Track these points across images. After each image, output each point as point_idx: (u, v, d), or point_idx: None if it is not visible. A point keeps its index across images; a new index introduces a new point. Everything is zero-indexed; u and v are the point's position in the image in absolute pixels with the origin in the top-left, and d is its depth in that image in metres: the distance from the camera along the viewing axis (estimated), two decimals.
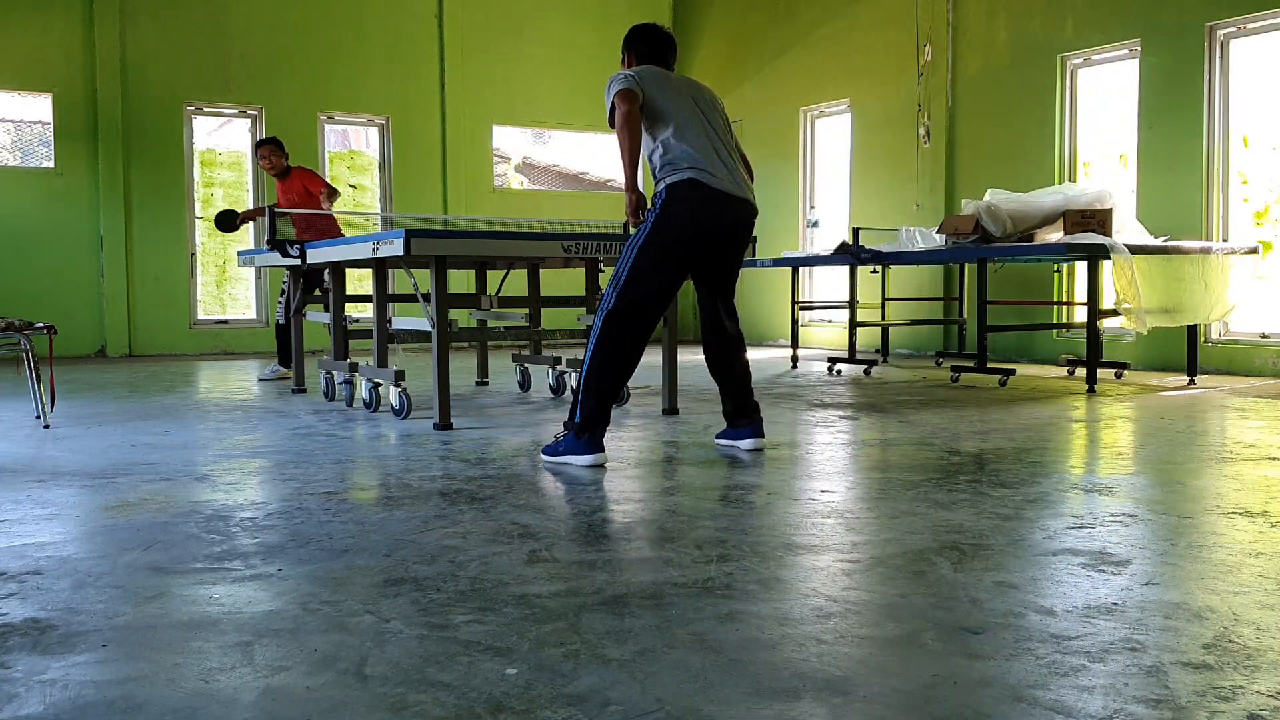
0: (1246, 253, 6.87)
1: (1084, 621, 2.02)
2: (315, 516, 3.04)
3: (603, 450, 3.86)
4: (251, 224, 9.82)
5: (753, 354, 10.50)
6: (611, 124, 3.87)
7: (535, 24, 12.22)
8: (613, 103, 3.83)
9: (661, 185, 3.88)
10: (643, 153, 3.90)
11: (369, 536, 2.78)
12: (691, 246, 3.89)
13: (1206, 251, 6.69)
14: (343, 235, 7.55)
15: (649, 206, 3.90)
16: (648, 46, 4.14)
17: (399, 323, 5.71)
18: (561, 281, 9.86)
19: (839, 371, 8.09)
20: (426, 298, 5.05)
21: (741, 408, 4.22)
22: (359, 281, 10.17)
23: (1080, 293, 8.19)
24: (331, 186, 7.69)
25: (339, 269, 6.27)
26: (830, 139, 11.28)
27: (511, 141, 13.57)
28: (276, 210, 6.59)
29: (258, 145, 7.89)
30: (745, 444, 4.20)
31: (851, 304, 8.14)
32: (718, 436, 4.38)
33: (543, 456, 4.01)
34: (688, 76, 4.26)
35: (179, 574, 2.43)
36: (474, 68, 11.85)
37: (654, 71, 4.03)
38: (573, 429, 3.87)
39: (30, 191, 10.10)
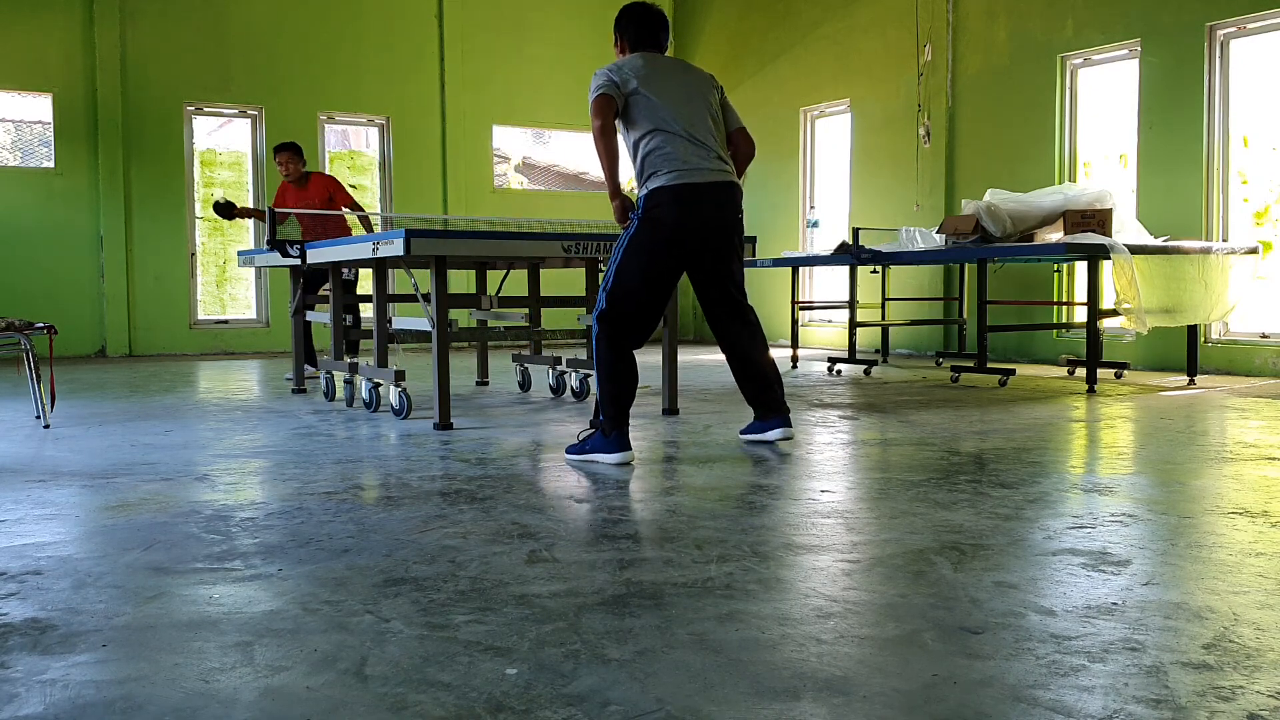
0: (1246, 253, 6.87)
1: (1084, 621, 2.02)
2: (315, 516, 3.04)
3: (630, 449, 3.89)
4: (252, 220, 9.53)
5: None
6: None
7: (535, 24, 12.23)
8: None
9: (644, 190, 3.92)
10: (623, 149, 3.97)
11: (369, 536, 2.78)
12: (677, 245, 3.93)
13: (1206, 251, 6.69)
14: None
15: (634, 209, 3.96)
16: (638, 28, 4.13)
17: (399, 322, 5.71)
18: (561, 281, 9.87)
19: (839, 371, 8.09)
20: (426, 298, 5.05)
21: (765, 402, 4.28)
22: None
23: (1080, 293, 8.19)
24: (357, 204, 7.71)
25: (339, 269, 6.27)
26: (830, 139, 11.28)
27: (511, 141, 13.57)
28: (278, 210, 6.57)
29: (278, 149, 7.64)
30: (772, 434, 4.28)
31: (851, 304, 8.14)
32: (741, 432, 4.45)
33: (566, 455, 4.05)
34: (680, 60, 4.25)
35: (179, 574, 2.43)
36: (474, 68, 11.85)
37: (641, 62, 4.01)
38: (599, 428, 3.92)
39: (30, 191, 10.10)
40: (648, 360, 9.01)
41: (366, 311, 7.58)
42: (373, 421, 5.25)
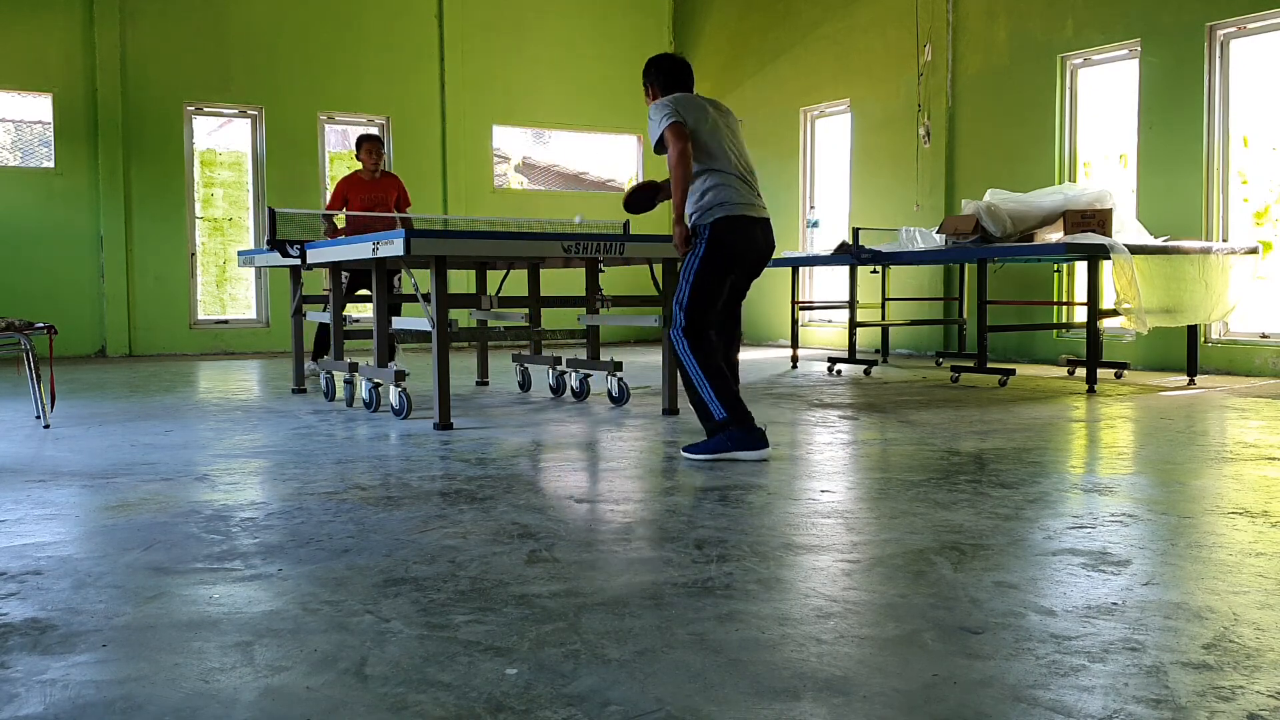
0: (1246, 253, 6.87)
1: (1084, 621, 2.02)
2: (315, 516, 3.04)
3: (768, 445, 4.05)
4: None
5: (753, 354, 10.52)
6: (658, 150, 4.18)
7: (535, 24, 12.23)
8: (662, 134, 4.11)
9: (710, 219, 4.18)
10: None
11: (369, 536, 2.78)
12: (738, 266, 4.28)
13: (1206, 251, 6.69)
14: None
15: (695, 235, 4.24)
16: (667, 78, 4.40)
17: (399, 322, 5.71)
18: (561, 281, 9.87)
19: (839, 371, 8.09)
20: (426, 298, 5.05)
21: None
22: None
23: (1080, 293, 8.19)
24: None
25: (339, 269, 6.27)
26: (830, 139, 11.28)
27: (511, 141, 13.57)
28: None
29: (368, 139, 7.58)
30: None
31: (851, 304, 8.14)
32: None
33: (688, 455, 4.05)
34: (713, 100, 4.43)
35: (179, 574, 2.43)
36: (474, 68, 11.85)
37: (688, 99, 4.26)
38: (732, 425, 4.01)
39: (30, 191, 10.10)
40: (649, 360, 9.00)
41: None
42: (373, 421, 5.25)
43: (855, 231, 8.27)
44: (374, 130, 7.84)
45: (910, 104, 9.96)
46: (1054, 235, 7.06)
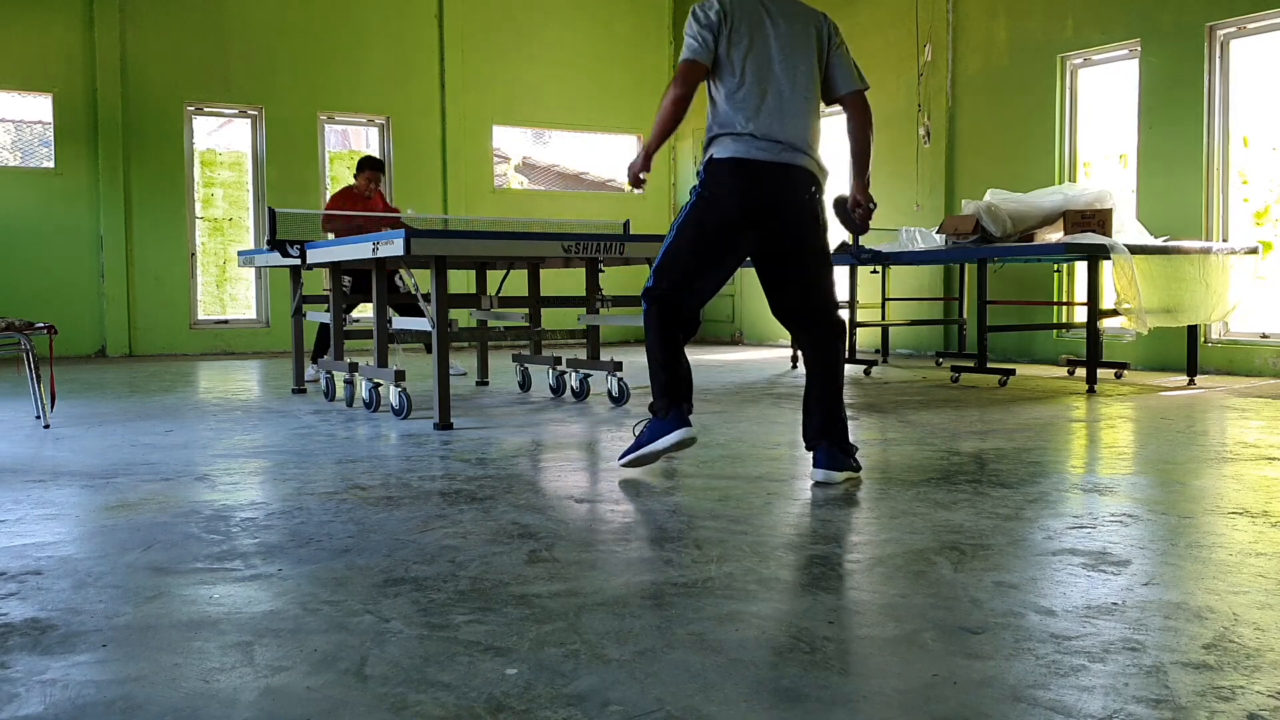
0: (1246, 253, 6.87)
1: (1084, 621, 2.02)
2: (315, 516, 3.04)
3: (689, 424, 3.46)
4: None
5: (753, 354, 10.52)
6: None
7: (535, 24, 12.23)
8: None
9: (704, 159, 3.51)
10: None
11: (369, 536, 2.78)
12: (732, 230, 3.47)
13: (1207, 251, 6.69)
14: None
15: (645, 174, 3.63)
16: None
17: (399, 323, 5.71)
18: (561, 281, 9.87)
19: None
20: (426, 298, 5.05)
21: (814, 426, 3.54)
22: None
23: (1080, 293, 8.19)
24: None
25: (339, 269, 6.27)
26: (831, 139, 11.26)
27: (511, 141, 13.58)
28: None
29: (371, 163, 7.55)
30: (816, 474, 3.49)
31: (851, 304, 8.14)
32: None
33: (619, 464, 3.68)
34: (798, 4, 3.64)
35: (179, 574, 2.43)
36: (474, 68, 11.85)
37: (746, 3, 3.47)
38: (653, 413, 3.53)
39: (30, 191, 10.10)
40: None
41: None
42: (373, 421, 5.25)
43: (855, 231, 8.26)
44: (378, 156, 7.87)
45: (910, 104, 9.96)
46: (1054, 235, 7.06)
